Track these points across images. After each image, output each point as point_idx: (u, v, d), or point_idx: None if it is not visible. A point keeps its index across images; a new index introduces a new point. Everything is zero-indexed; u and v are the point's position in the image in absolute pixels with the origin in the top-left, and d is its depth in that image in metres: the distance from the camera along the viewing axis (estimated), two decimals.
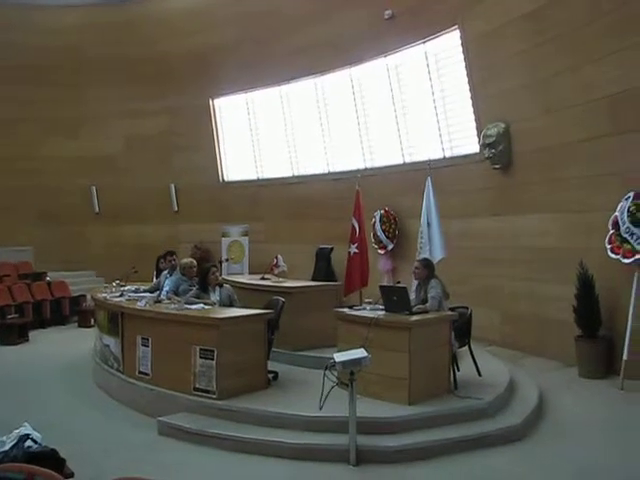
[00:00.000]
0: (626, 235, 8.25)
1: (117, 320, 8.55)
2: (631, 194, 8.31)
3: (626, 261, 8.32)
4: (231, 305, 8.40)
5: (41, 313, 14.24)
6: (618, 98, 8.73)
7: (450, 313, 7.62)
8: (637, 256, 8.17)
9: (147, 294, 9.20)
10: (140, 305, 8.30)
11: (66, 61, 16.70)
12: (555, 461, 6.03)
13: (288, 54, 14.90)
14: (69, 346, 11.78)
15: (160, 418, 6.92)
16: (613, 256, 8.47)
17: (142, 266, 11.31)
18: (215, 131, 17.29)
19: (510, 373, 8.32)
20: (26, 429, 4.44)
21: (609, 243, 8.55)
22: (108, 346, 8.87)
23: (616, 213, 8.45)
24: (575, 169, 9.60)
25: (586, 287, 9.08)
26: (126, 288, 9.76)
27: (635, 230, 8.13)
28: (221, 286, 8.61)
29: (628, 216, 8.22)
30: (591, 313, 9.06)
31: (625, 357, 8.40)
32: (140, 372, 8.01)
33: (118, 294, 9.30)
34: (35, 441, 4.36)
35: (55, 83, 16.78)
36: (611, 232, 8.53)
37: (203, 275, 8.55)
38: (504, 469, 5.89)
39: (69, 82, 16.92)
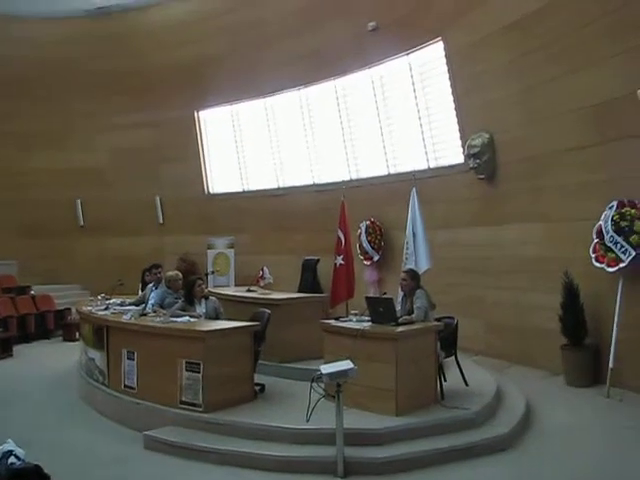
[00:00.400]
0: (610, 244, 8.28)
1: (102, 333, 8.50)
2: (615, 203, 8.35)
3: (610, 270, 8.35)
4: (217, 317, 8.37)
5: (25, 327, 14.10)
6: (601, 108, 8.79)
7: (436, 323, 7.63)
8: (621, 265, 8.20)
9: (132, 307, 9.13)
10: (125, 318, 8.24)
11: (52, 74, 16.58)
12: (542, 470, 6.05)
13: (273, 66, 14.92)
14: (54, 360, 11.69)
15: (146, 432, 6.88)
16: (598, 265, 8.51)
17: (128, 279, 11.25)
18: (200, 143, 17.27)
19: (497, 383, 8.33)
20: (9, 445, 4.39)
21: (593, 252, 8.59)
22: (93, 360, 8.82)
23: (600, 222, 8.49)
24: (559, 178, 9.65)
25: (571, 296, 9.11)
26: (111, 301, 9.69)
27: (619, 239, 8.17)
28: (207, 298, 8.59)
29: (612, 225, 8.26)
30: (577, 322, 9.09)
31: (611, 365, 8.44)
32: (126, 386, 7.96)
33: (103, 307, 9.24)
34: (18, 457, 4.31)
35: (41, 96, 16.67)
36: (595, 241, 8.57)
37: (189, 288, 8.52)
38: (492, 479, 5.88)
39: (55, 95, 16.79)
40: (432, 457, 6.23)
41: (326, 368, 6.03)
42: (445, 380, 7.64)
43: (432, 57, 12.03)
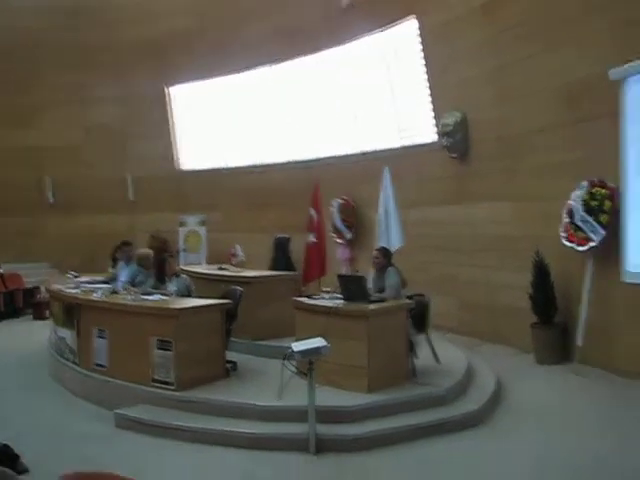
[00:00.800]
0: (580, 223, 8.36)
1: (73, 312, 8.42)
2: (585, 183, 8.42)
3: (580, 249, 8.44)
4: (188, 295, 8.34)
5: None
6: (573, 87, 8.82)
7: (408, 301, 7.66)
8: (591, 244, 8.29)
9: (103, 285, 9.05)
10: (96, 296, 8.17)
11: (18, 48, 16.19)
12: (512, 446, 6.12)
13: (245, 42, 14.75)
14: (24, 339, 11.58)
15: (117, 410, 6.84)
16: (568, 244, 8.59)
17: (98, 257, 11.17)
18: (172, 120, 17.10)
19: (468, 360, 8.41)
20: None
21: (564, 231, 8.67)
22: (64, 338, 8.73)
23: (571, 202, 8.56)
24: (531, 157, 9.70)
25: (542, 275, 9.19)
26: (82, 279, 9.61)
27: (589, 218, 8.25)
28: (178, 276, 8.55)
29: (582, 205, 8.33)
30: (547, 300, 9.19)
31: (579, 343, 8.54)
32: (96, 364, 7.90)
33: (74, 285, 9.16)
34: None
35: (6, 71, 16.34)
36: (566, 220, 8.65)
37: (160, 265, 8.47)
38: (462, 455, 5.95)
39: (22, 70, 16.46)
40: (403, 433, 6.28)
41: (298, 346, 6.03)
42: (417, 357, 7.68)
43: (406, 35, 11.97)
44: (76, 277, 9.74)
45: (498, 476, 5.45)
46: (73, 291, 8.77)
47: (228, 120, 16.27)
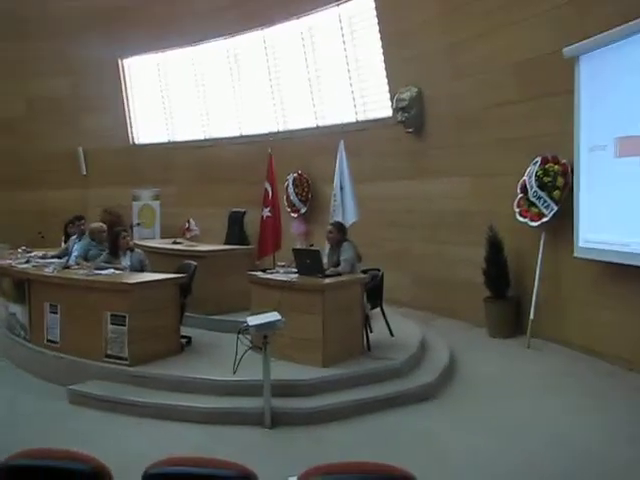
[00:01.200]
0: (534, 199, 8.46)
1: (23, 287, 8.27)
2: (539, 159, 8.51)
3: (533, 224, 8.55)
4: (142, 270, 8.25)
5: None
6: (525, 64, 8.88)
7: (362, 275, 7.70)
8: (544, 219, 8.40)
9: (55, 260, 8.93)
10: (48, 271, 8.04)
11: None
12: (465, 417, 6.23)
13: (197, 14, 14.51)
14: None
15: (70, 387, 6.77)
16: (521, 219, 8.70)
17: (50, 232, 10.98)
18: (125, 92, 16.80)
19: (422, 334, 8.48)
20: None
21: (517, 207, 8.77)
22: (14, 314, 8.59)
23: (524, 177, 8.65)
24: (485, 133, 9.76)
25: (495, 249, 9.29)
26: (32, 254, 9.44)
27: (542, 194, 8.34)
28: (132, 251, 8.45)
29: (536, 180, 8.42)
30: (500, 275, 9.31)
31: (532, 317, 8.69)
32: (49, 340, 7.79)
33: (24, 260, 8.99)
34: None
35: None
36: (520, 196, 8.75)
37: (113, 239, 8.36)
38: (417, 426, 6.02)
39: None
40: (358, 407, 6.32)
41: (253, 320, 6.02)
42: (371, 331, 7.73)
43: (362, 9, 11.92)
44: (27, 252, 9.56)
45: (453, 445, 5.53)
46: (24, 266, 8.62)
47: (183, 94, 16.07)
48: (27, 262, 8.84)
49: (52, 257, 9.27)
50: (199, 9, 14.49)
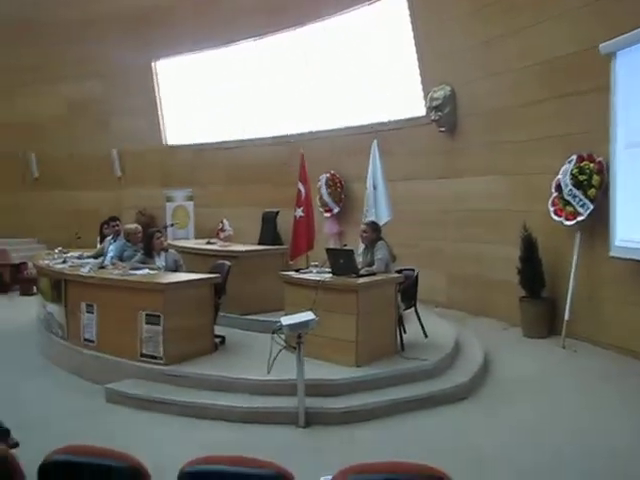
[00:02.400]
0: (569, 197, 8.37)
1: (60, 287, 8.38)
2: (574, 157, 8.42)
3: (568, 223, 8.46)
4: (177, 270, 8.31)
5: None
6: (561, 61, 8.80)
7: (396, 275, 7.66)
8: (579, 218, 8.31)
9: (91, 260, 9.04)
10: (84, 271, 8.14)
11: None
12: (499, 418, 6.17)
13: (229, 16, 14.59)
14: (11, 315, 11.52)
15: (107, 385, 6.84)
16: (556, 218, 8.62)
17: (85, 232, 11.11)
18: (158, 94, 16.95)
19: (456, 334, 8.44)
20: None
21: (552, 205, 8.69)
22: (52, 314, 8.72)
23: (559, 176, 8.57)
24: (519, 132, 9.69)
25: (530, 249, 9.22)
26: (69, 255, 9.57)
27: (577, 192, 8.26)
28: (166, 251, 8.52)
29: (571, 179, 8.33)
30: (534, 274, 9.23)
31: (567, 317, 8.60)
32: (85, 339, 7.89)
33: (61, 261, 9.12)
34: None
35: None
36: (554, 195, 8.66)
37: (148, 240, 8.44)
38: (451, 427, 5.99)
39: (1, 43, 16.23)
40: (391, 407, 6.31)
41: (287, 319, 6.03)
42: (405, 332, 7.70)
43: (395, 8, 11.88)
44: (64, 253, 9.69)
45: (485, 447, 5.49)
46: (61, 266, 8.74)
47: (216, 95, 16.13)
48: (64, 262, 8.97)
49: (88, 257, 9.40)
50: (230, 10, 14.56)
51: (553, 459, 5.20)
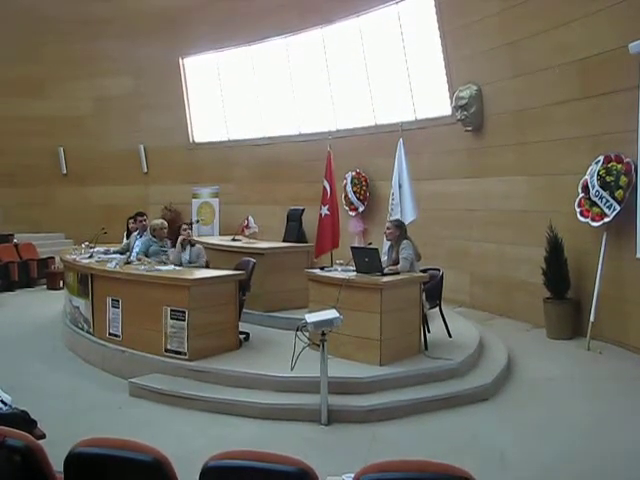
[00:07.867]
0: (595, 199, 8.30)
1: (87, 282, 8.47)
2: (601, 158, 8.35)
3: (595, 224, 8.39)
4: (198, 263, 8.39)
5: (9, 276, 14.00)
6: (588, 62, 8.73)
7: (421, 274, 7.65)
8: (605, 219, 8.24)
9: (117, 255, 9.12)
10: (110, 266, 8.20)
11: (28, 19, 16.18)
12: (522, 419, 6.15)
13: (258, 13, 14.62)
14: (38, 309, 11.66)
15: (131, 379, 6.91)
16: (582, 219, 8.55)
17: (111, 228, 11.17)
18: (185, 91, 17.04)
19: (480, 334, 8.42)
20: None
21: (579, 206, 8.62)
22: (78, 308, 8.81)
23: (586, 177, 8.50)
24: (546, 132, 9.63)
25: (555, 250, 9.16)
26: (96, 249, 9.65)
27: (604, 194, 8.19)
28: (192, 245, 8.59)
29: (598, 180, 8.26)
30: (560, 275, 9.17)
31: (592, 319, 8.53)
32: (110, 334, 7.96)
33: (88, 255, 9.21)
34: (5, 403, 4.31)
35: (17, 42, 16.25)
36: (581, 195, 8.60)
37: (176, 233, 8.60)
38: (473, 427, 5.97)
39: (33, 42, 16.36)
40: (415, 406, 6.30)
41: (311, 317, 6.04)
42: (429, 331, 7.70)
43: (422, 6, 11.85)
44: (91, 247, 9.77)
45: (508, 448, 5.46)
46: (87, 261, 8.83)
47: (242, 92, 16.19)
48: (90, 257, 9.06)
49: (114, 252, 9.48)
50: (258, 8, 14.58)
51: (575, 461, 5.16)
